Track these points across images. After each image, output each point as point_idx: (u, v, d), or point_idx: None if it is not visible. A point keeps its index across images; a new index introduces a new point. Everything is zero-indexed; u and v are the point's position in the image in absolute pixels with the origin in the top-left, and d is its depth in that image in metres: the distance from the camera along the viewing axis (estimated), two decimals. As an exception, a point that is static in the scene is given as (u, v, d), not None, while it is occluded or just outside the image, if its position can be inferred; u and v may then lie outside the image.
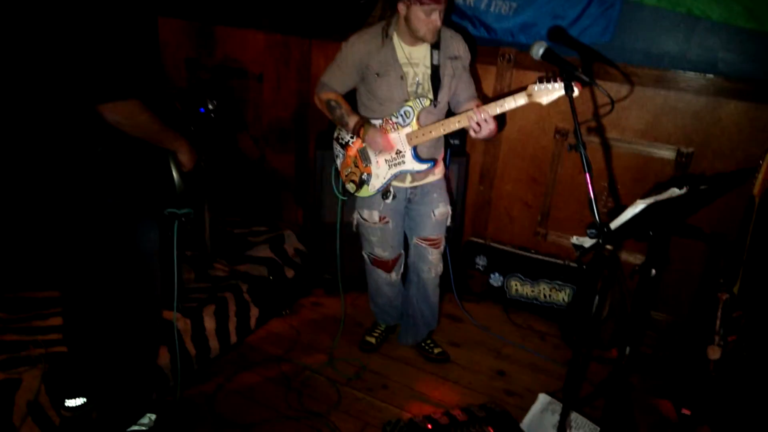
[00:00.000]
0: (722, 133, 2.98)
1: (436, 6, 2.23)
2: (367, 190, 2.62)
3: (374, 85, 2.44)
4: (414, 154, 2.53)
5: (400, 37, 2.41)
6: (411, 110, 2.44)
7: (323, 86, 2.56)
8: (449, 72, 2.49)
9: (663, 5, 2.92)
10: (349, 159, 2.63)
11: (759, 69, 2.85)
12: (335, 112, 2.52)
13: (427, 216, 2.73)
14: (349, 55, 2.44)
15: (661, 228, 2.06)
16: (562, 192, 3.44)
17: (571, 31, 3.12)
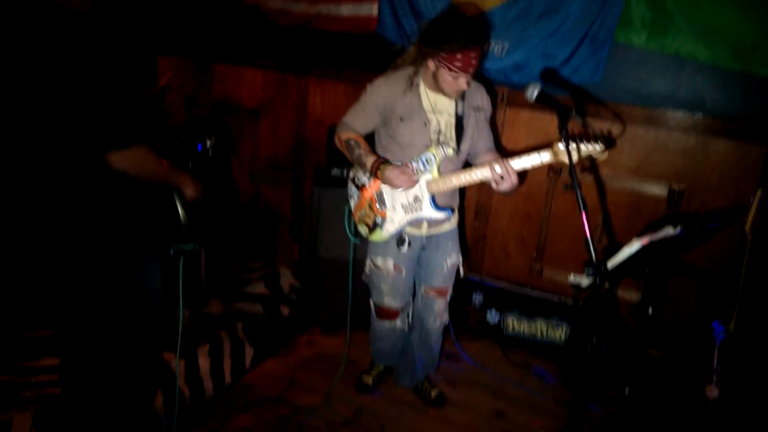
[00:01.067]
0: (712, 171, 3.03)
1: (465, 73, 2.24)
2: (380, 235, 2.54)
3: (397, 128, 2.41)
4: (432, 202, 2.46)
5: (426, 84, 2.40)
6: (433, 158, 2.40)
7: (345, 126, 2.52)
8: (472, 122, 2.49)
9: (651, 47, 3.00)
10: (363, 201, 2.57)
11: (746, 108, 2.92)
12: (354, 151, 2.46)
13: (439, 266, 2.68)
14: (374, 96, 2.41)
15: (657, 266, 2.08)
16: (557, 227, 3.47)
17: (562, 71, 3.19)
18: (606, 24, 3.05)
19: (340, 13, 3.68)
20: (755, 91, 2.89)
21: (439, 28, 2.22)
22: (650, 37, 2.99)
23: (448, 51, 2.18)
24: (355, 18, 3.64)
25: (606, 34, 3.06)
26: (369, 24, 3.61)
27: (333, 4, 3.69)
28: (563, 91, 3.14)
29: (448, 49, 2.17)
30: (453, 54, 2.18)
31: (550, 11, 3.17)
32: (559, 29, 3.16)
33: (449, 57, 2.19)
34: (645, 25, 2.98)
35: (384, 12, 3.57)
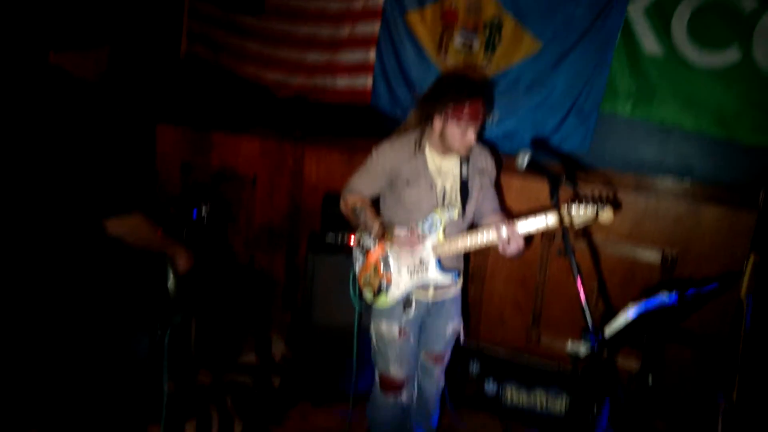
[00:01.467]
0: (704, 237, 3.05)
1: (473, 124, 2.27)
2: (385, 300, 2.48)
3: (403, 192, 2.41)
4: (438, 264, 2.44)
5: (432, 146, 2.43)
6: (438, 220, 2.40)
7: (350, 191, 2.53)
8: (477, 185, 2.51)
9: (637, 116, 3.10)
10: (369, 265, 2.53)
11: (734, 174, 2.98)
12: (359, 216, 2.47)
13: (441, 331, 2.63)
14: (380, 161, 2.43)
15: (655, 334, 2.05)
16: (552, 293, 3.45)
17: (552, 140, 3.27)
18: (592, 95, 3.16)
19: (336, 85, 3.81)
20: (742, 157, 2.96)
21: (443, 85, 2.31)
22: (635, 106, 3.09)
23: (454, 103, 2.23)
24: (351, 90, 3.77)
25: (592, 105, 3.17)
26: (364, 95, 3.73)
27: (329, 76, 3.82)
28: (554, 158, 3.21)
29: (455, 100, 2.23)
30: (460, 105, 2.22)
31: (538, 84, 3.29)
32: (547, 100, 3.27)
33: (457, 109, 2.23)
34: (630, 96, 3.09)
35: (378, 83, 3.69)
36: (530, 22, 3.26)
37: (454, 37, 3.47)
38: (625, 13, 3.01)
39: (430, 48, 3.53)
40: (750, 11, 2.76)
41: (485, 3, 3.36)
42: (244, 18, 4.04)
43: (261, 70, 4.03)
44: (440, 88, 2.32)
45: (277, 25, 3.93)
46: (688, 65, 2.93)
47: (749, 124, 2.88)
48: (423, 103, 2.37)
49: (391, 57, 3.64)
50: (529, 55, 3.29)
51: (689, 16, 2.89)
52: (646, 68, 3.03)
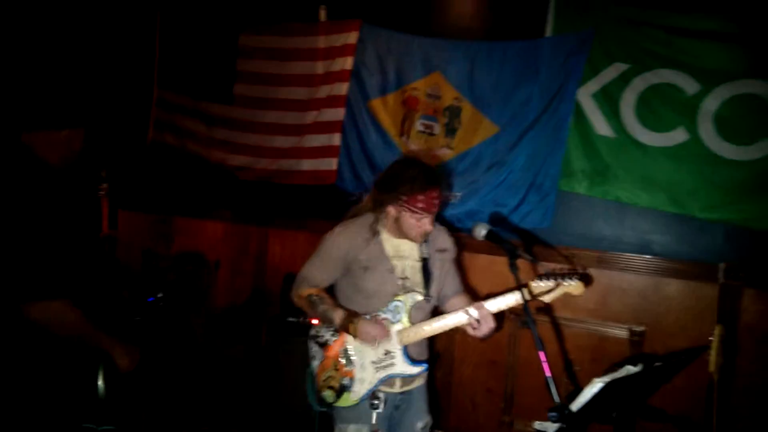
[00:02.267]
0: (669, 312, 3.05)
1: (428, 214, 2.18)
2: (348, 399, 2.24)
3: (361, 278, 2.26)
4: (405, 355, 2.24)
5: (387, 230, 2.30)
6: (401, 305, 2.25)
7: (303, 281, 2.32)
8: (438, 265, 2.38)
9: (593, 194, 3.18)
10: (328, 360, 2.29)
11: (689, 249, 3.04)
12: (317, 307, 2.25)
13: (410, 428, 2.39)
14: (334, 247, 2.28)
15: (623, 409, 1.97)
16: (524, 374, 3.34)
17: (513, 217, 3.32)
18: (550, 174, 3.25)
19: (301, 168, 3.86)
20: (697, 232, 3.03)
21: (396, 173, 2.21)
22: (591, 184, 3.18)
23: (409, 194, 2.14)
24: (316, 172, 3.82)
25: (551, 184, 3.25)
26: (329, 177, 3.78)
27: (294, 160, 3.88)
28: (513, 235, 3.24)
29: (408, 192, 2.14)
30: (414, 196, 2.14)
31: (498, 164, 3.38)
32: (507, 179, 3.36)
33: (411, 200, 2.14)
34: (585, 174, 3.19)
35: (343, 166, 3.75)
36: (487, 107, 3.42)
37: (415, 121, 3.60)
38: (576, 98, 3.17)
39: (393, 132, 3.64)
40: (692, 94, 2.94)
41: (444, 90, 3.52)
42: (212, 106, 4.15)
43: (227, 156, 4.07)
44: (394, 176, 2.22)
45: (244, 113, 4.03)
46: (639, 145, 3.07)
47: (702, 201, 2.98)
48: (377, 189, 2.28)
49: (355, 141, 3.73)
50: (488, 137, 3.41)
51: (635, 101, 3.06)
52: (599, 148, 3.16)
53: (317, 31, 3.78)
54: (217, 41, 4.08)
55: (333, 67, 3.74)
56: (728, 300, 2.92)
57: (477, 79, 3.42)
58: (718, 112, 2.90)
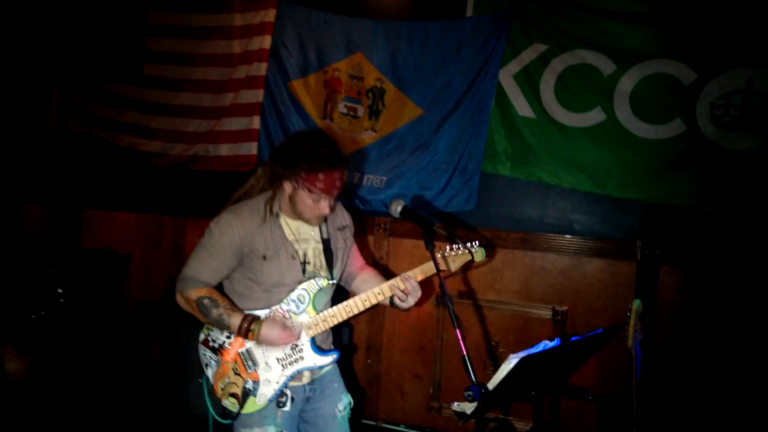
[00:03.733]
0: (590, 290, 3.08)
1: (327, 196, 1.97)
2: (255, 403, 2.00)
3: (260, 269, 2.01)
4: (313, 346, 2.05)
5: (284, 212, 2.07)
6: (306, 294, 2.03)
7: (189, 281, 2.00)
8: (341, 244, 2.19)
9: (517, 176, 3.17)
10: (225, 366, 2.03)
11: (609, 228, 3.08)
12: (210, 312, 1.96)
13: (331, 415, 2.17)
14: (225, 237, 1.97)
15: (543, 387, 1.94)
16: (452, 359, 3.31)
17: (438, 201, 3.26)
18: (473, 157, 3.22)
19: (219, 153, 3.65)
20: (616, 211, 3.08)
21: (297, 146, 1.96)
22: (514, 166, 3.17)
23: (308, 171, 1.91)
24: (234, 157, 3.62)
25: (474, 166, 3.22)
26: (249, 162, 3.59)
27: (212, 144, 3.67)
28: (437, 219, 3.20)
29: (308, 169, 1.90)
30: (314, 174, 1.91)
31: (423, 146, 3.31)
32: (431, 162, 3.29)
33: (310, 177, 1.91)
34: (508, 157, 3.18)
35: (263, 150, 3.58)
36: (410, 89, 3.34)
37: (338, 103, 3.47)
38: (497, 79, 3.14)
39: (315, 115, 3.50)
40: (609, 74, 2.97)
41: (367, 71, 3.41)
42: (120, 88, 3.85)
43: (138, 141, 3.80)
44: (294, 149, 1.97)
45: (155, 95, 3.77)
46: (559, 126, 3.08)
47: (619, 180, 3.02)
48: (273, 162, 2.01)
49: (276, 124, 3.56)
50: (412, 119, 3.33)
51: (555, 81, 3.07)
52: (521, 130, 3.15)
53: (232, 8, 3.57)
54: (125, 18, 3.79)
55: (250, 46, 3.55)
56: (646, 276, 2.98)
57: (399, 60, 3.34)
58: (633, 91, 2.95)
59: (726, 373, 2.84)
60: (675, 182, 2.92)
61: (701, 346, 2.89)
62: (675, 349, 2.94)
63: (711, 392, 2.86)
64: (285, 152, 1.99)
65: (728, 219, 2.85)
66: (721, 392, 2.84)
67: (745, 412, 2.79)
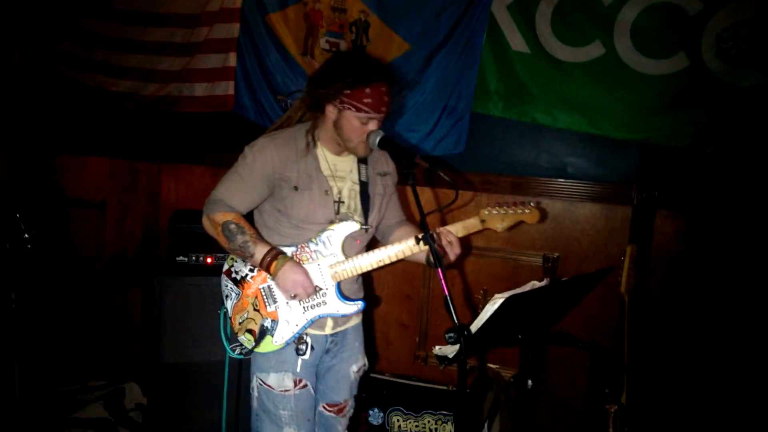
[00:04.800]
0: (582, 236, 2.95)
1: (375, 115, 1.82)
2: (271, 343, 1.91)
3: (291, 201, 1.89)
4: (338, 292, 1.93)
5: (324, 143, 1.94)
6: (336, 235, 1.90)
7: (218, 203, 1.89)
8: (380, 190, 2.05)
9: (508, 116, 2.99)
10: (245, 300, 1.94)
11: (604, 172, 2.93)
12: (236, 238, 1.85)
13: (344, 375, 2.10)
14: (259, 162, 1.86)
15: (530, 330, 1.82)
16: (438, 308, 3.20)
17: (426, 144, 3.09)
18: (463, 96, 3.03)
19: (194, 93, 3.44)
20: (612, 153, 2.92)
21: (339, 63, 1.84)
22: (506, 106, 2.99)
23: (354, 86, 1.77)
24: (210, 97, 3.41)
25: (464, 106, 3.03)
26: (226, 103, 3.39)
27: (186, 84, 3.45)
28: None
29: (353, 84, 1.77)
30: (361, 89, 1.77)
31: (409, 85, 3.11)
32: (418, 103, 3.10)
33: (356, 93, 1.77)
34: (500, 96, 2.99)
35: (241, 90, 3.37)
36: (396, 22, 3.11)
37: (319, 39, 3.25)
38: (490, 11, 2.92)
39: (295, 51, 3.28)
40: (609, 4, 2.75)
41: (350, 3, 3.17)
42: (90, 23, 3.60)
43: (108, 80, 3.58)
44: (335, 67, 1.84)
45: (125, 31, 3.53)
46: (555, 61, 2.88)
47: (617, 120, 2.84)
48: (312, 86, 1.88)
49: (253, 61, 3.34)
50: (399, 55, 3.12)
51: (551, 12, 2.85)
52: (515, 66, 2.95)
53: (204, -68, 3.31)
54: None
55: (224, -24, 3.30)
56: (641, 221, 2.83)
57: (385, -10, 3.10)
58: (635, 22, 2.74)
59: (722, 321, 2.74)
60: (675, 121, 2.74)
61: (698, 295, 2.78)
62: (669, 297, 2.83)
63: (705, 341, 2.77)
64: (326, 71, 1.85)
65: (730, 160, 2.70)
66: (716, 341, 2.75)
67: (740, 361, 2.71)
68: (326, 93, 1.82)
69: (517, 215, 1.92)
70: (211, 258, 2.93)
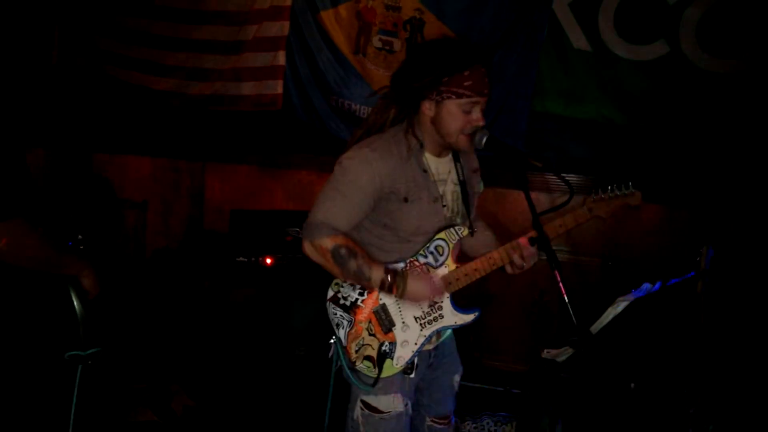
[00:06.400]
0: (644, 236, 2.94)
1: (479, 99, 1.66)
2: (392, 367, 1.77)
3: (399, 213, 1.73)
4: (453, 303, 1.80)
5: (425, 143, 1.78)
6: (445, 244, 1.78)
7: (320, 228, 1.72)
8: (476, 189, 1.93)
9: (569, 114, 2.97)
10: (359, 326, 1.80)
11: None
12: (348, 263, 1.70)
13: (449, 386, 1.97)
14: (363, 175, 1.69)
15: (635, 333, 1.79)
16: (495, 306, 3.16)
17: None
18: (521, 94, 3.01)
19: (241, 92, 3.39)
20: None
21: (427, 53, 1.70)
22: (567, 103, 2.98)
23: (451, 72, 1.62)
24: (258, 96, 3.36)
25: (523, 104, 3.02)
26: (274, 102, 3.33)
27: (233, 82, 3.40)
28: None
29: (450, 69, 1.62)
30: (459, 74, 1.62)
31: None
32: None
33: (455, 80, 1.62)
34: (561, 93, 2.98)
35: (290, 89, 3.32)
36: (453, 20, 3.08)
37: (372, 37, 3.21)
38: (551, 9, 2.89)
39: (347, 49, 3.24)
40: (674, 3, 2.73)
41: (404, 1, 3.13)
42: (130, 21, 3.54)
43: (152, 80, 3.52)
44: (423, 58, 1.69)
45: (168, 28, 3.47)
46: (617, 59, 2.86)
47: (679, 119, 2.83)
48: (400, 83, 1.72)
49: (303, 60, 3.30)
50: (453, 54, 3.08)
51: (615, 10, 2.83)
52: (576, 64, 2.92)
53: (253, -71, 3.26)
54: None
55: (274, -27, 3.25)
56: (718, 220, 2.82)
57: (441, -13, 3.07)
58: (700, 21, 2.72)
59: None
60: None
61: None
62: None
63: None
64: (415, 64, 1.70)
65: None
66: None
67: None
68: (421, 86, 1.67)
69: (621, 199, 1.80)
70: (271, 258, 2.88)
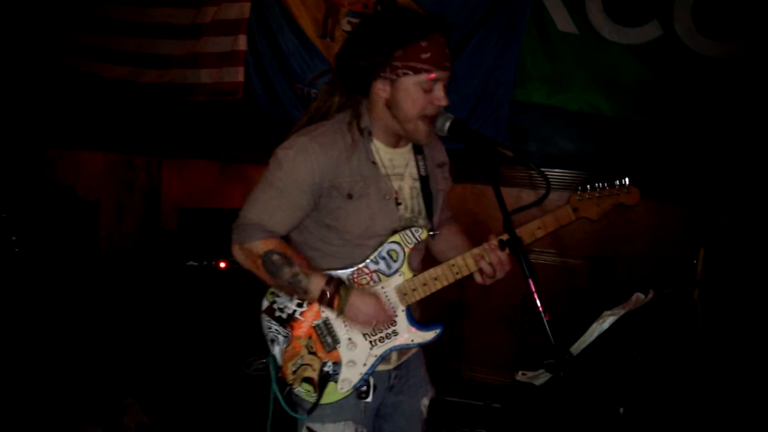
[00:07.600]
0: (636, 236, 2.72)
1: (441, 72, 1.42)
2: (336, 391, 1.53)
3: (343, 213, 1.50)
4: (410, 318, 1.54)
5: (376, 131, 1.53)
6: (400, 249, 1.52)
7: (251, 229, 1.49)
8: (441, 185, 1.66)
9: (553, 103, 2.74)
10: (297, 343, 1.55)
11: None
12: (282, 272, 1.47)
13: (416, 411, 1.69)
14: (302, 169, 1.45)
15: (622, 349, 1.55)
16: (473, 314, 2.94)
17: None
18: (502, 81, 2.80)
19: (200, 80, 3.14)
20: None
21: (377, 24, 1.45)
22: (551, 92, 2.75)
23: (406, 43, 1.37)
24: (218, 84, 3.10)
25: (503, 92, 2.81)
26: (235, 90, 3.08)
27: (190, 70, 3.15)
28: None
29: (405, 40, 1.37)
30: (416, 44, 1.37)
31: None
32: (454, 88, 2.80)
33: (411, 51, 1.37)
34: (545, 80, 2.75)
35: (252, 76, 3.07)
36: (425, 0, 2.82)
37: (340, 19, 2.96)
38: (533, -13, 2.66)
39: (313, 33, 2.99)
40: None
41: (375, -20, 2.88)
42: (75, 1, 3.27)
43: (102, 67, 3.25)
44: (374, 31, 1.44)
45: (117, 11, 3.20)
46: (606, 43, 2.64)
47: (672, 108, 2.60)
48: (347, 61, 1.47)
49: (265, 44, 3.05)
50: (428, 38, 2.84)
51: (603, -10, 2.59)
52: (561, 48, 2.69)
53: None
54: None
55: (233, -50, 2.99)
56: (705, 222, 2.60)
57: (413, -35, 2.82)
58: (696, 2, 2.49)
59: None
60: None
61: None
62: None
63: None
64: (362, 39, 1.44)
65: None
66: None
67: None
68: (370, 63, 1.41)
69: (614, 198, 1.52)
70: (224, 262, 2.63)
